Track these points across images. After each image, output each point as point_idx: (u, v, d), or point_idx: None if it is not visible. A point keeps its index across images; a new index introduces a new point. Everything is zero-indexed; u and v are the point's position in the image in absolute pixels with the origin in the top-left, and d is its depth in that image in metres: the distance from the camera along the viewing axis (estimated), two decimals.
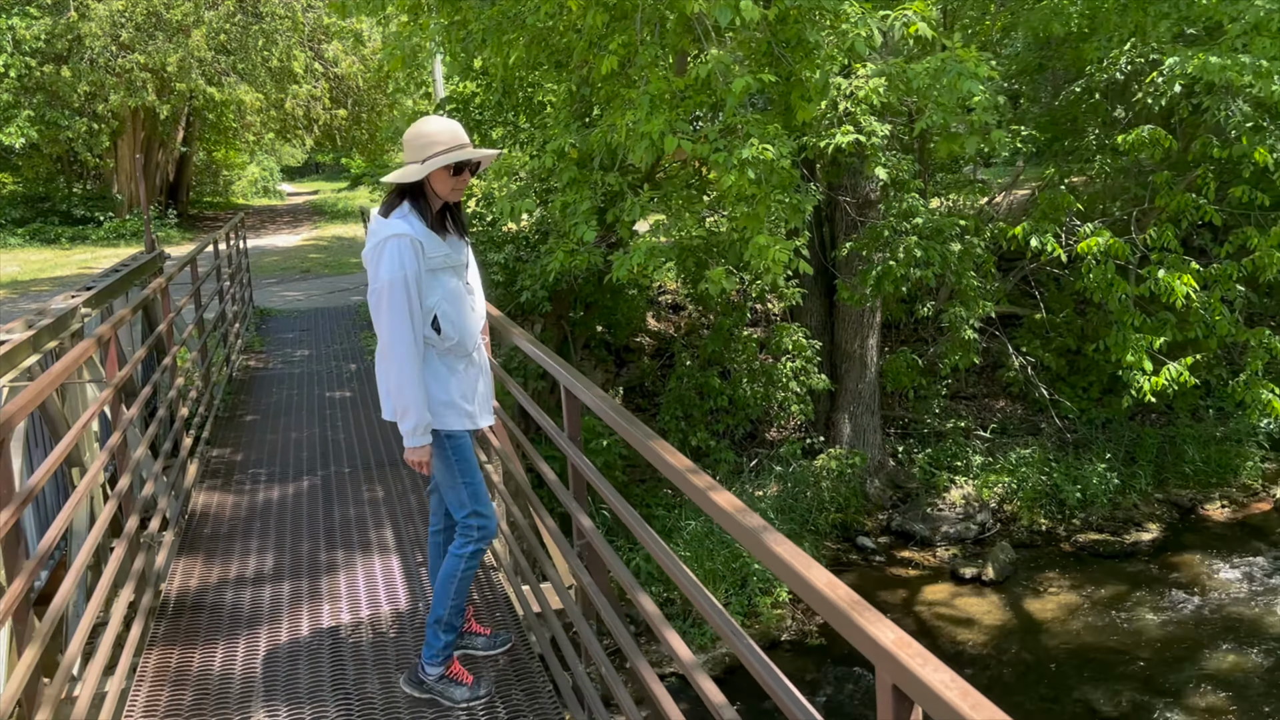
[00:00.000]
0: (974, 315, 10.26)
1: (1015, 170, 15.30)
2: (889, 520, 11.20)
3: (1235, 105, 9.42)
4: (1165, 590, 9.52)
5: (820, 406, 11.64)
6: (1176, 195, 9.98)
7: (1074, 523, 11.04)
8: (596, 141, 6.24)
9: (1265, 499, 11.43)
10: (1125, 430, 12.06)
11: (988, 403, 13.19)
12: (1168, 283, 9.16)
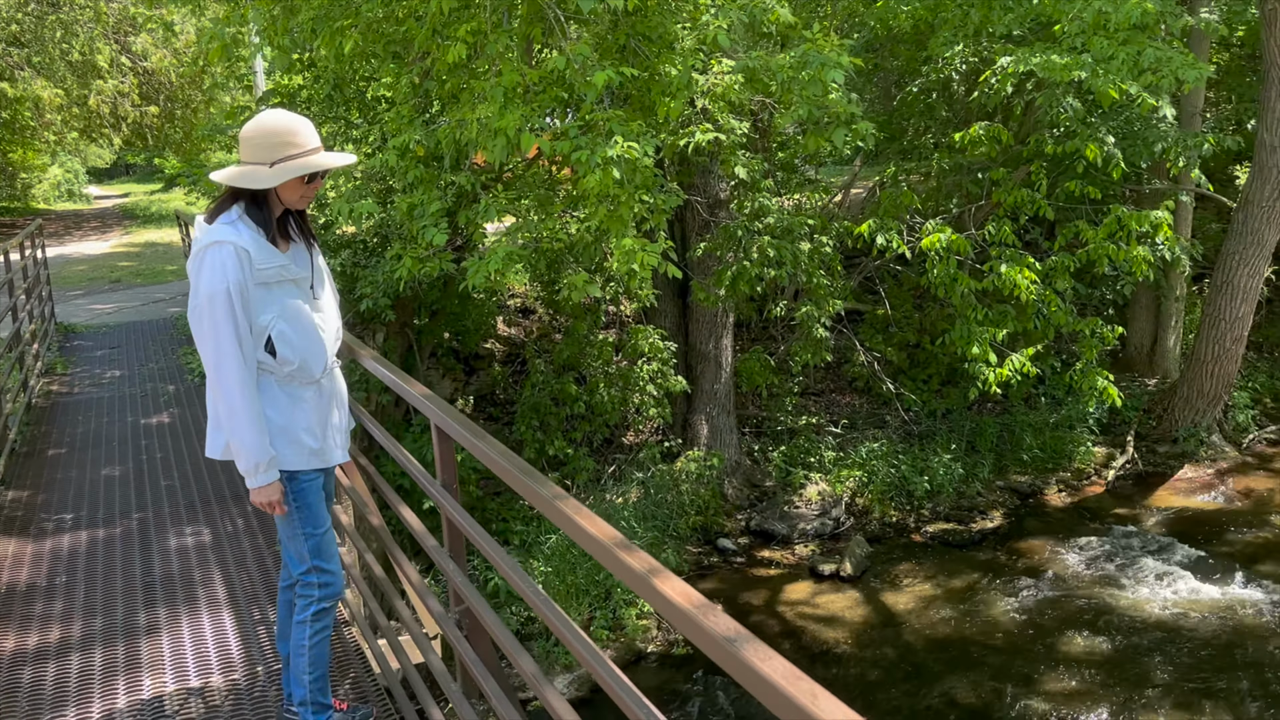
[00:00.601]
0: (825, 314, 10.29)
1: (853, 169, 15.63)
2: (748, 520, 11.14)
3: (1066, 102, 9.79)
4: (1013, 576, 9.79)
5: (677, 409, 11.47)
6: (1013, 191, 10.30)
7: (923, 513, 11.28)
8: (445, 138, 5.76)
9: (1098, 482, 12.01)
10: (966, 420, 12.44)
11: (835, 398, 13.37)
12: (1009, 277, 9.42)
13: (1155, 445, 12.61)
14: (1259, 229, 11.15)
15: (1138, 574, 9.64)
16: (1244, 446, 12.69)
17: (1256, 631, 8.48)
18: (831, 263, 10.85)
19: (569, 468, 10.48)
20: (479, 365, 11.73)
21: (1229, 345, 11.87)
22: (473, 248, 7.76)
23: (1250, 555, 9.95)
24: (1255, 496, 11.40)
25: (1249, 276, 11.42)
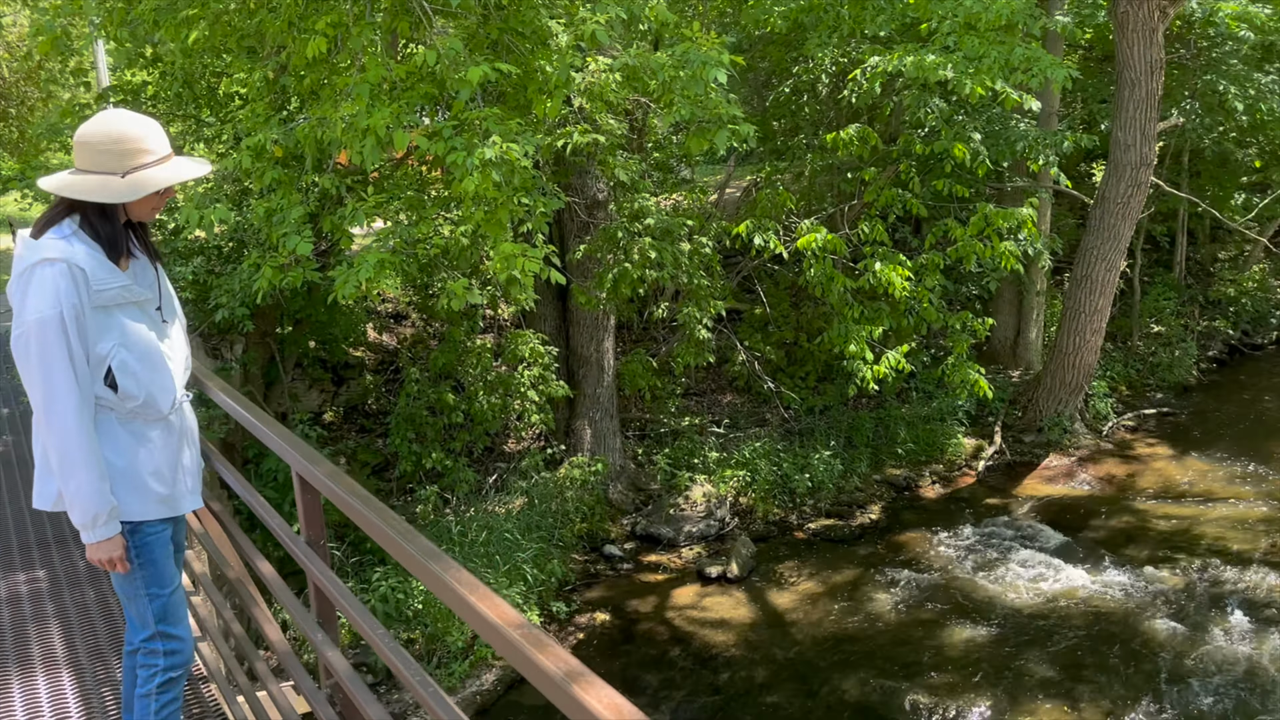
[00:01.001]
0: (706, 315, 10.21)
1: (726, 169, 15.66)
2: (634, 525, 10.98)
3: (933, 103, 9.96)
4: (893, 569, 9.93)
5: (560, 414, 11.21)
6: (884, 190, 10.44)
7: (805, 510, 11.35)
8: (305, 137, 5.35)
9: (969, 472, 12.33)
10: (843, 416, 12.60)
11: (717, 398, 13.35)
12: (883, 275, 9.52)
13: (1021, 435, 13.05)
14: (1114, 225, 11.64)
15: (1011, 562, 9.91)
16: (1104, 434, 13.27)
17: (1125, 615, 8.81)
18: (711, 263, 10.78)
19: (448, 480, 10.10)
20: (349, 375, 11.19)
21: (1089, 337, 12.37)
22: (339, 254, 7.32)
23: (1115, 539, 10.36)
24: (1116, 482, 11.91)
25: (1106, 270, 11.91)
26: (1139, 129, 11.09)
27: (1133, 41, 10.64)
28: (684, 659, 8.76)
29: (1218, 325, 16.72)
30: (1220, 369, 16.31)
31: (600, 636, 9.13)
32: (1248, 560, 9.60)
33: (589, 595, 9.83)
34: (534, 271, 5.22)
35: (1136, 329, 15.78)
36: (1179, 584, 9.29)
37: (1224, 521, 10.55)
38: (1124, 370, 14.97)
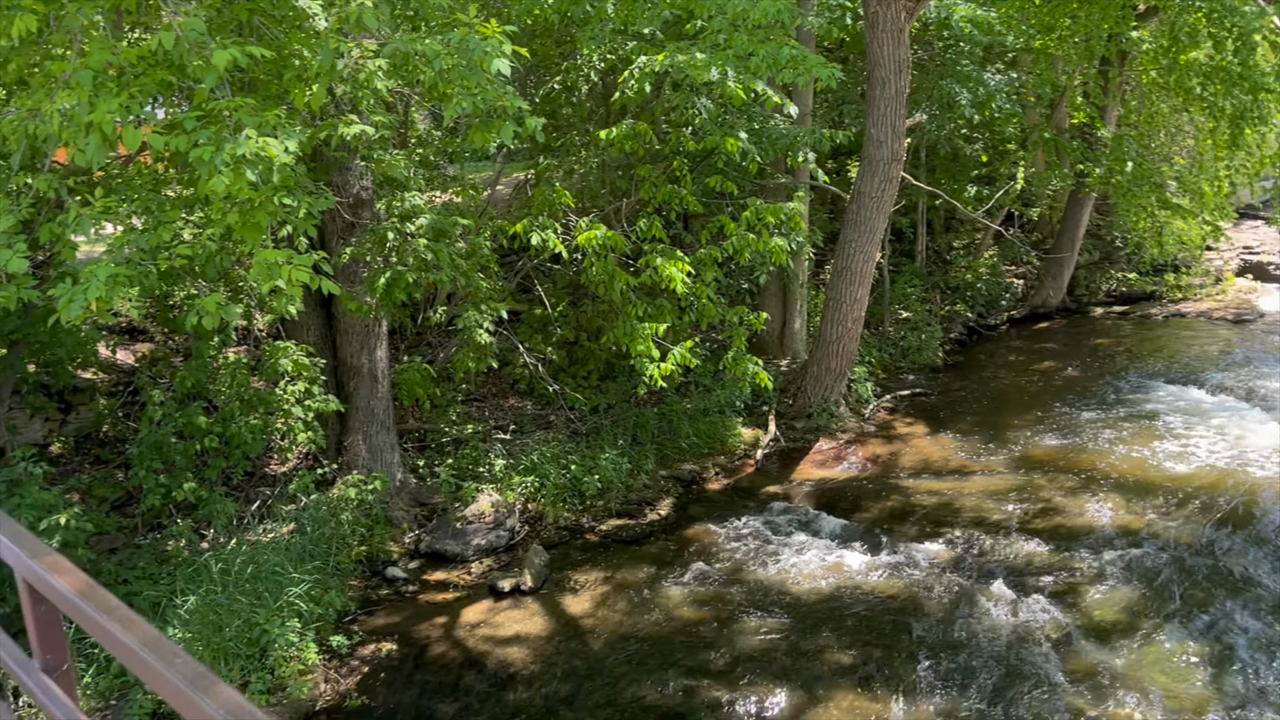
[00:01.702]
0: (487, 317, 9.79)
1: (495, 166, 15.24)
2: (418, 543, 10.40)
3: (701, 103, 10.02)
4: (685, 565, 9.93)
5: (330, 430, 10.42)
6: (661, 187, 10.41)
7: (596, 512, 11.17)
8: (12, 132, 4.48)
9: (749, 462, 12.60)
10: (628, 413, 12.54)
11: (499, 402, 12.94)
12: (665, 271, 9.47)
13: (793, 422, 13.51)
14: (870, 218, 12.22)
15: (794, 548, 10.15)
16: (866, 416, 13.97)
17: (902, 592, 9.21)
18: (489, 264, 10.36)
19: (203, 511, 9.12)
20: (78, 400, 9.90)
21: (850, 325, 12.95)
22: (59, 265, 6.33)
23: (886, 518, 10.87)
24: (881, 462, 12.54)
25: (864, 262, 12.49)
26: (890, 126, 11.68)
27: (882, 41, 11.17)
28: (480, 682, 8.34)
29: (958, 309, 18.10)
30: (962, 349, 17.65)
31: (388, 668, 8.53)
32: (1005, 529, 10.32)
33: (373, 623, 9.18)
34: (303, 281, 4.65)
35: (887, 316, 16.78)
36: (948, 557, 9.84)
37: (980, 493, 11.32)
38: (879, 355, 15.86)
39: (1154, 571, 9.25)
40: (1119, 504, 10.74)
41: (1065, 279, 19.91)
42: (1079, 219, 19.32)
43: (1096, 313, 20.09)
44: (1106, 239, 20.95)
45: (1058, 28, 16.05)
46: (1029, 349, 17.70)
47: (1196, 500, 10.67)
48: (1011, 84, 15.84)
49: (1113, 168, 16.80)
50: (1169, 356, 16.52)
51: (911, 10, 11.28)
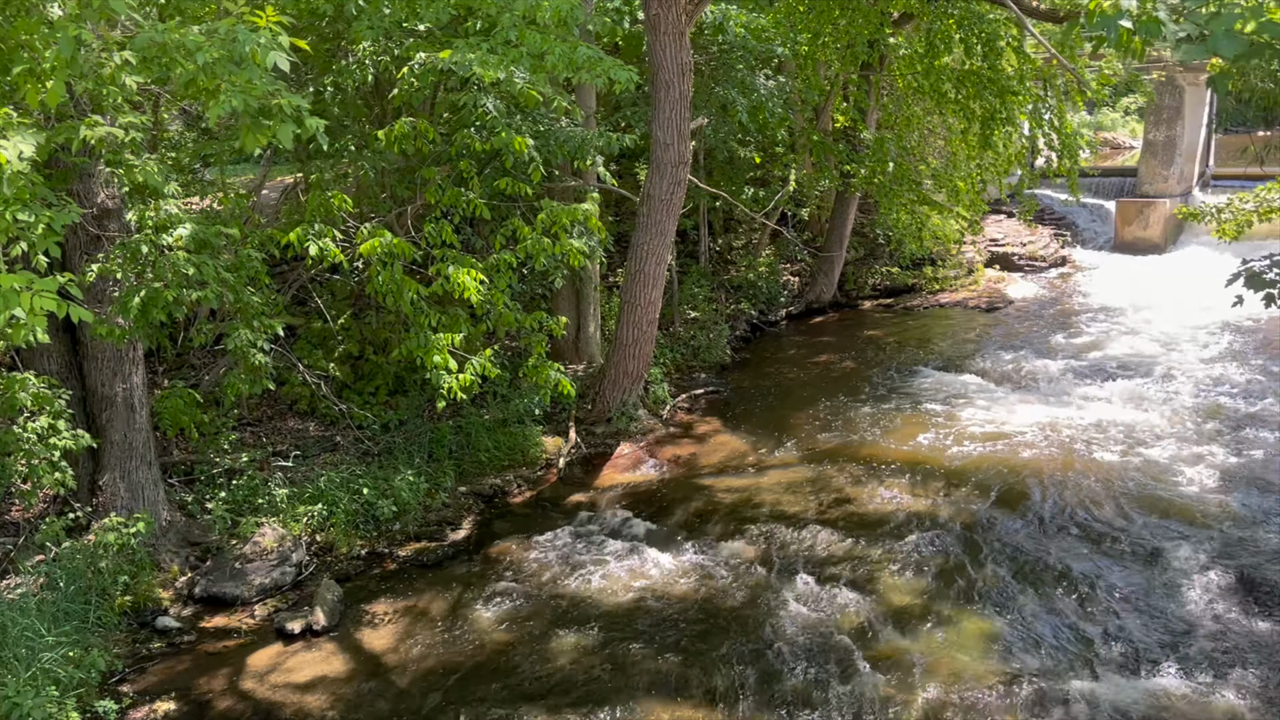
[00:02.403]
0: (261, 335, 8.97)
1: (261, 170, 14.19)
2: (192, 586, 9.41)
3: (488, 102, 9.63)
4: (493, 585, 9.52)
5: (82, 469, 9.24)
6: (447, 190, 9.92)
7: (394, 537, 10.55)
8: None
9: (552, 472, 12.31)
10: (422, 429, 11.95)
11: (277, 425, 11.99)
12: (458, 279, 9.02)
13: (593, 428, 13.34)
14: (661, 221, 12.23)
15: (605, 558, 9.96)
16: (665, 417, 14.02)
17: (714, 593, 9.21)
18: (259, 277, 9.50)
19: None
20: None
21: (645, 328, 12.92)
22: None
23: (691, 520, 10.88)
24: (683, 462, 12.59)
25: (656, 264, 12.50)
26: (675, 129, 11.72)
27: (665, 44, 11.17)
28: None
29: (743, 307, 18.58)
30: (747, 346, 18.13)
31: None
32: (803, 522, 10.57)
33: (146, 682, 8.20)
34: (48, 309, 3.91)
35: (677, 316, 16.96)
36: (753, 554, 9.96)
37: (777, 487, 11.57)
38: (671, 355, 16.00)
39: (943, 553, 9.72)
40: (904, 489, 11.27)
41: (836, 275, 20.90)
42: (846, 218, 20.33)
43: (865, 306, 21.22)
44: (870, 236, 22.18)
45: (822, 34, 16.76)
46: (808, 343, 18.42)
47: (973, 481, 11.36)
48: (781, 89, 16.39)
49: (875, 168, 17.75)
50: (934, 345, 17.64)
51: (691, 14, 11.36)
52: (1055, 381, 14.95)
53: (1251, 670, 7.54)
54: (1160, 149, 25.41)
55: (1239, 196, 12.48)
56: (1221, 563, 9.18)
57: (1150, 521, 10.14)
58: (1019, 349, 16.83)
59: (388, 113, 12.41)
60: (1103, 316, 19.17)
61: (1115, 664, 7.81)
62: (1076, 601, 8.77)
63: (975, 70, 14.99)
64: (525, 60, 7.38)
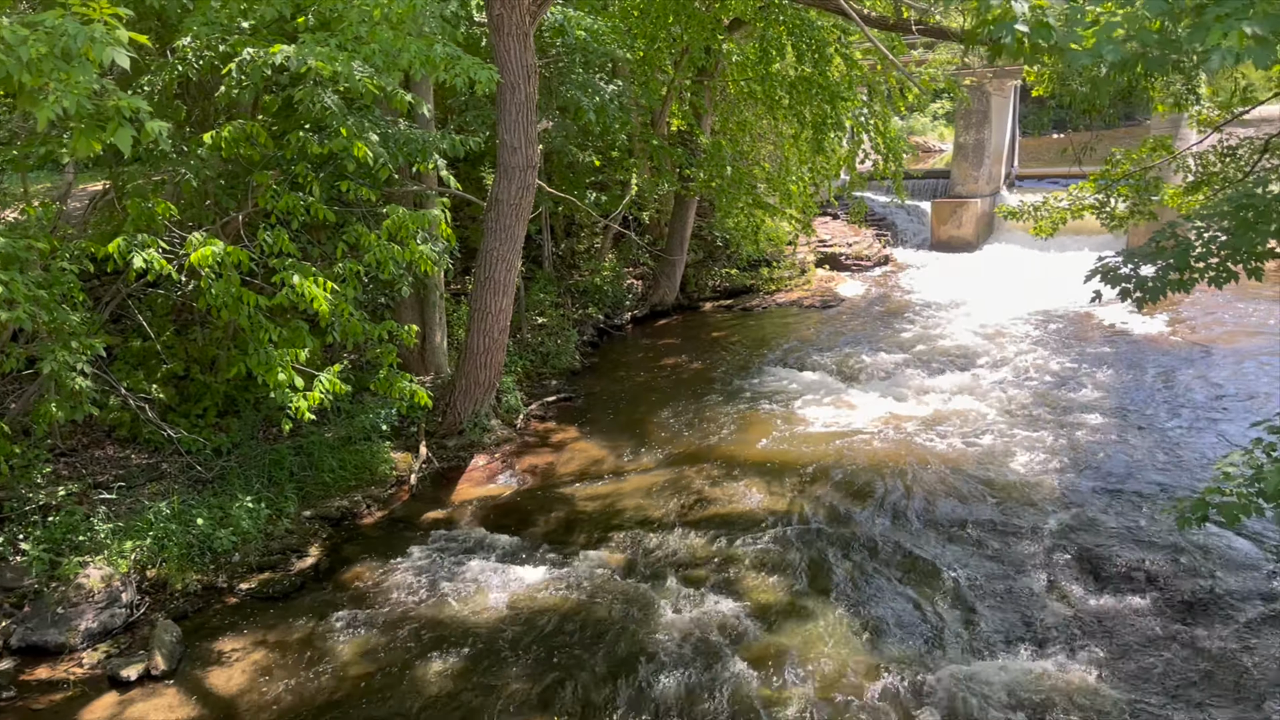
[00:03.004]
0: (81, 357, 8.16)
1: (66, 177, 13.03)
2: (8, 636, 8.47)
3: (327, 98, 9.12)
4: (350, 614, 9.02)
5: None
6: (284, 195, 9.33)
7: (234, 569, 9.82)
8: None
9: (403, 489, 11.81)
10: (258, 452, 11.21)
11: (95, 454, 10.98)
12: (305, 289, 8.48)
13: (445, 441, 12.91)
14: (510, 226, 11.94)
15: (467, 576, 9.61)
16: (519, 427, 13.72)
17: (583, 605, 9.02)
18: (73, 293, 8.66)
19: None
20: None
21: (497, 336, 12.60)
22: None
23: (555, 530, 10.67)
24: (541, 472, 12.34)
25: (507, 271, 12.20)
26: (522, 132, 11.48)
27: (509, 45, 10.91)
28: None
29: (590, 312, 18.47)
30: (596, 351, 18.04)
31: None
32: (667, 526, 10.54)
33: None
34: None
35: (524, 323, 16.68)
36: (619, 561, 9.84)
37: (638, 492, 11.50)
38: (521, 363, 15.70)
39: (803, 548, 9.89)
40: (762, 487, 11.42)
41: (678, 278, 21.13)
42: (685, 221, 20.58)
43: (707, 307, 21.54)
44: (708, 239, 22.54)
45: (659, 39, 16.87)
46: (655, 346, 18.51)
47: (826, 475, 11.63)
48: (621, 92, 16.39)
49: (713, 173, 18.03)
50: (776, 344, 18.06)
51: (535, 15, 11.15)
52: (892, 375, 15.57)
53: (1099, 645, 7.99)
54: (970, 152, 27.01)
55: (1054, 195, 13.32)
56: (1061, 543, 9.73)
57: (993, 506, 10.65)
58: (856, 345, 17.45)
59: (209, 114, 11.61)
60: (928, 312, 20.16)
61: (975, 647, 8.12)
62: (932, 588, 9.08)
63: (807, 76, 15.43)
64: (378, 58, 6.97)
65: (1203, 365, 15.40)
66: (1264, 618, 8.16)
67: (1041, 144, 37.62)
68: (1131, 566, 9.10)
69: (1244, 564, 8.97)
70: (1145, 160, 12.56)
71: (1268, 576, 8.75)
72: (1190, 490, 10.66)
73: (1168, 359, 15.90)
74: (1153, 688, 7.41)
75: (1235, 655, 7.72)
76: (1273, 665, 7.54)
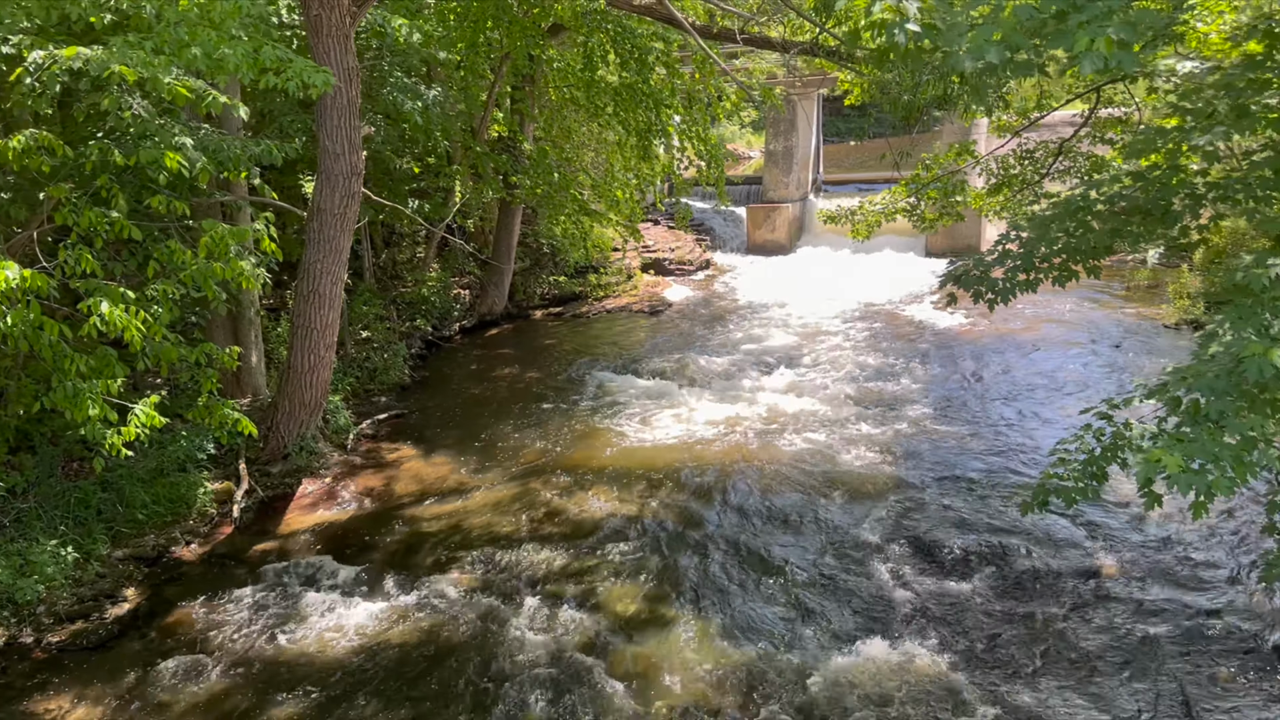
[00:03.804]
0: None
1: None
2: None
3: (137, 104, 8.35)
4: (177, 661, 8.29)
5: None
6: (84, 211, 8.47)
7: (41, 621, 8.85)
8: None
9: (226, 522, 10.99)
10: (59, 490, 10.17)
11: None
12: (115, 316, 7.71)
13: (268, 467, 12.13)
14: (334, 237, 11.36)
15: (307, 611, 9.04)
16: (349, 448, 13.07)
17: (436, 632, 8.65)
18: None
19: None
20: None
21: (323, 353, 11.96)
22: None
23: (399, 555, 10.19)
24: (378, 494, 11.79)
25: (332, 284, 11.60)
26: (346, 138, 10.95)
27: (329, 47, 10.37)
28: None
29: (418, 324, 17.87)
30: (425, 364, 17.48)
31: None
32: (518, 541, 10.27)
33: None
34: None
35: (349, 337, 15.95)
36: (472, 582, 9.51)
37: (485, 508, 11.17)
38: (348, 380, 15.00)
39: (655, 554, 9.87)
40: (609, 496, 11.33)
41: (506, 286, 20.82)
42: (511, 228, 20.30)
43: (537, 315, 21.32)
44: (534, 246, 22.33)
45: (478, 44, 16.54)
46: (488, 356, 18.13)
47: (671, 479, 11.68)
48: (442, 98, 15.96)
49: (538, 179, 17.84)
50: (610, 350, 18.06)
51: (356, 15, 10.65)
52: (725, 377, 15.86)
53: (944, 629, 8.35)
54: (780, 158, 28.02)
55: (870, 199, 13.92)
56: (897, 531, 10.13)
57: (834, 500, 10.98)
58: (688, 349, 17.68)
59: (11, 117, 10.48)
60: (752, 313, 20.71)
61: (830, 640, 8.31)
62: (785, 585, 9.25)
63: (631, 84, 15.51)
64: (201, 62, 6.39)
65: (1008, 355, 16.52)
66: (1088, 592, 8.77)
67: (840, 150, 39.55)
68: (966, 550, 9.58)
69: (1065, 542, 9.62)
70: (951, 164, 13.31)
71: (1085, 554, 9.41)
72: (1010, 473, 11.37)
73: (975, 350, 16.96)
74: (996, 666, 7.80)
75: (1066, 629, 8.24)
76: (1101, 636, 8.10)
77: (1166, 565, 9.08)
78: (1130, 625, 8.18)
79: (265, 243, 9.10)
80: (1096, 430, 6.52)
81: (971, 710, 7.25)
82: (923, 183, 13.31)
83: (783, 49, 13.42)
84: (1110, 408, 6.60)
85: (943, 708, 7.30)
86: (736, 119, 41.60)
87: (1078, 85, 11.64)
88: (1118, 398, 6.49)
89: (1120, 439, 6.40)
